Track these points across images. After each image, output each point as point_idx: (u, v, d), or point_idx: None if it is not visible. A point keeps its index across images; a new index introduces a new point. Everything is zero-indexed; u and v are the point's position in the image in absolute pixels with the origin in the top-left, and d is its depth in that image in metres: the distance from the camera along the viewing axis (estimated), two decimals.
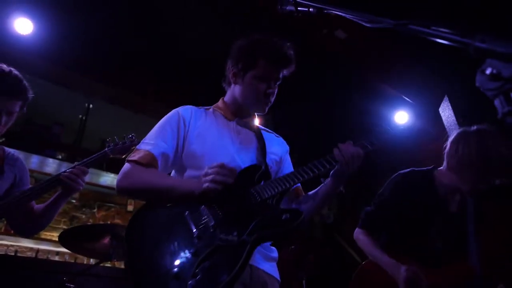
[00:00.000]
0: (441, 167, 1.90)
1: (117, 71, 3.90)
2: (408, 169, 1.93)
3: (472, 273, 1.69)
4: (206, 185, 1.24)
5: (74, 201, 5.07)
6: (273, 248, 1.48)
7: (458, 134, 1.83)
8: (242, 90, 1.58)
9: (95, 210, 5.32)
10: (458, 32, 0.77)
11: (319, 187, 1.52)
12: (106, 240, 2.38)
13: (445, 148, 1.87)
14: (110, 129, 4.86)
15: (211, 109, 1.66)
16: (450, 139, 1.86)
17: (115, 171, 4.97)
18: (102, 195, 5.28)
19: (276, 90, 1.58)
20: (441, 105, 3.38)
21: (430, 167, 1.94)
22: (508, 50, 0.66)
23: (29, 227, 1.94)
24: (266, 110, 1.62)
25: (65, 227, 4.83)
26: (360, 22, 0.99)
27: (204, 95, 1.76)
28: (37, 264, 3.63)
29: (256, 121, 1.72)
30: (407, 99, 4.02)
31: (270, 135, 1.72)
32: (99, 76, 3.90)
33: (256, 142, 1.59)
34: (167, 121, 1.52)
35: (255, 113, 1.69)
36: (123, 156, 2.17)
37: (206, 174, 1.27)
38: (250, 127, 1.64)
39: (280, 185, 1.33)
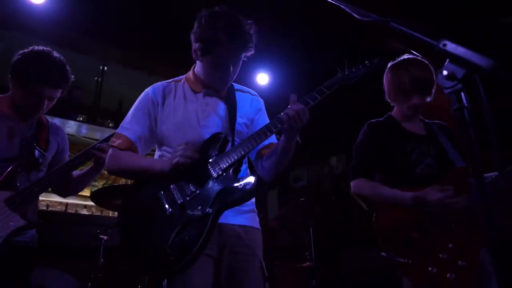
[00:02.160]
0: (393, 110, 2.14)
1: (129, 35, 3.99)
2: (373, 120, 2.11)
3: (466, 172, 1.78)
4: (175, 160, 1.44)
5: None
6: (248, 202, 1.58)
7: (388, 71, 2.07)
8: (202, 68, 1.63)
9: None
10: (427, 34, 0.90)
11: (278, 143, 1.61)
12: None
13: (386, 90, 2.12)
14: (126, 90, 5.06)
15: (181, 81, 1.71)
16: (385, 79, 2.09)
17: None
18: None
19: (236, 69, 1.62)
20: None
21: (386, 115, 2.15)
22: (462, 56, 0.80)
23: (67, 190, 2.18)
24: (227, 86, 1.69)
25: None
26: (351, 12, 1.11)
27: None
28: (72, 218, 4.01)
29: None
30: (415, 53, 4.01)
31: (244, 95, 1.76)
32: (111, 40, 4.01)
33: (225, 109, 1.65)
34: (140, 104, 1.65)
35: None
36: None
37: (174, 152, 1.47)
38: (219, 95, 1.68)
39: (236, 154, 1.47)
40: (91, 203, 3.74)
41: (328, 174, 5.54)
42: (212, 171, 1.46)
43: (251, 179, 1.44)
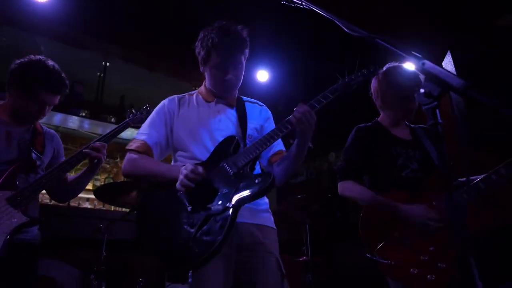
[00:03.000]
0: (380, 116, 2.22)
1: (130, 32, 4.05)
2: (361, 124, 2.18)
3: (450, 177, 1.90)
4: (182, 183, 1.47)
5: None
6: (262, 202, 1.71)
7: (375, 81, 2.17)
8: (209, 77, 1.76)
9: (117, 160, 5.70)
10: (410, 54, 0.98)
11: (290, 148, 1.69)
12: (134, 193, 2.74)
13: (372, 98, 2.21)
14: (127, 84, 5.12)
15: (195, 94, 1.85)
16: (373, 88, 2.18)
17: (133, 126, 5.30)
18: (124, 146, 5.59)
19: (239, 73, 1.72)
20: (444, 60, 3.48)
21: (373, 120, 2.23)
22: (438, 75, 0.88)
23: (64, 195, 2.27)
24: (234, 91, 1.80)
25: None
26: (342, 27, 1.18)
27: None
28: (75, 212, 4.10)
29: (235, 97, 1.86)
30: (415, 53, 4.04)
31: (253, 106, 1.88)
32: (113, 37, 4.07)
33: (236, 116, 1.77)
34: (156, 113, 1.78)
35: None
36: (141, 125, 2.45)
37: (181, 173, 1.49)
38: (229, 104, 1.80)
39: (251, 153, 1.54)
40: (94, 197, 3.83)
41: (327, 170, 5.62)
42: (228, 169, 1.52)
43: (268, 174, 1.50)
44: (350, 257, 3.93)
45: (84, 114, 4.55)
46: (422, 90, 0.89)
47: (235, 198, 1.44)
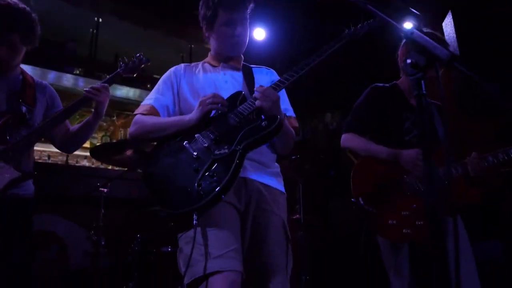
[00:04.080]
0: (400, 79, 2.24)
1: None
2: (378, 83, 2.21)
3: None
4: (208, 106, 1.50)
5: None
6: (275, 165, 1.71)
7: (403, 45, 2.17)
8: (216, 39, 1.75)
9: (114, 118, 5.70)
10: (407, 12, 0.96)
11: None
12: (129, 152, 2.76)
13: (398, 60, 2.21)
14: (122, 42, 5.01)
15: (200, 63, 1.85)
16: (400, 51, 2.18)
17: (129, 84, 5.26)
18: (120, 104, 5.54)
19: (245, 30, 1.74)
20: (444, 20, 3.39)
21: (392, 82, 2.24)
22: (425, 46, 0.87)
23: (68, 145, 2.21)
24: (242, 49, 1.80)
25: None
26: None
27: None
28: (72, 169, 4.16)
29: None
30: (414, 11, 3.97)
31: (260, 69, 1.88)
32: None
33: (243, 77, 1.77)
34: (163, 79, 1.77)
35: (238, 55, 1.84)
36: (134, 75, 2.39)
37: (203, 101, 1.51)
38: (236, 67, 1.81)
39: (256, 102, 1.51)
40: None
41: (322, 130, 5.66)
42: (234, 117, 1.52)
43: (274, 116, 1.47)
44: (344, 214, 4.05)
45: (78, 72, 4.49)
46: (408, 61, 0.89)
47: (242, 141, 1.43)
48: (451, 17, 3.31)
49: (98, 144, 5.22)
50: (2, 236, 1.86)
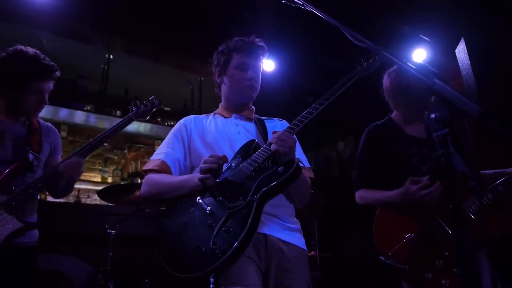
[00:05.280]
0: (393, 113, 2.16)
1: (133, 25, 3.96)
2: (372, 124, 2.14)
3: (466, 176, 1.85)
4: (199, 177, 1.41)
5: (106, 144, 5.43)
6: (294, 219, 1.62)
7: (387, 79, 2.12)
8: (227, 84, 1.75)
9: (125, 151, 5.70)
10: (420, 70, 0.89)
11: None
12: (138, 193, 2.71)
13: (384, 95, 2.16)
14: (132, 77, 5.06)
15: (211, 114, 1.82)
16: (384, 87, 2.13)
17: (137, 120, 5.26)
18: (131, 137, 5.59)
19: (257, 76, 1.74)
20: (457, 47, 3.33)
21: (386, 117, 2.17)
22: (450, 99, 0.79)
23: (58, 194, 2.22)
24: (253, 95, 1.76)
25: (100, 167, 5.26)
26: (348, 37, 1.09)
27: (217, 45, 1.88)
28: (80, 208, 4.12)
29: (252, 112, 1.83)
30: (424, 37, 3.93)
31: (272, 120, 1.85)
32: (115, 30, 3.99)
33: (256, 128, 1.73)
34: (173, 132, 1.73)
35: (250, 106, 1.81)
36: (147, 118, 2.36)
37: (200, 169, 1.43)
38: (248, 118, 1.78)
39: (270, 148, 1.43)
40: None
41: (335, 159, 5.54)
42: (249, 166, 1.43)
43: (291, 161, 1.37)
44: (360, 248, 3.89)
45: (88, 108, 4.51)
46: (432, 115, 0.80)
47: (258, 190, 1.31)
48: (464, 44, 3.25)
49: (109, 177, 5.23)
50: (6, 284, 1.83)
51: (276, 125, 1.81)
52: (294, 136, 1.51)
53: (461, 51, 3.29)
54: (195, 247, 1.28)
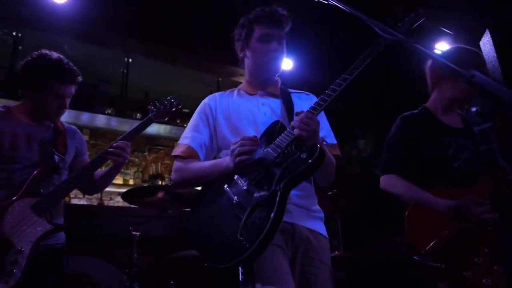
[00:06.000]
0: (428, 102, 2.07)
1: (150, 28, 4.00)
2: (407, 112, 2.04)
3: (506, 171, 1.75)
4: (237, 159, 1.40)
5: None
6: (317, 208, 1.63)
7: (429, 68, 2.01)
8: (251, 57, 1.69)
9: (146, 154, 5.76)
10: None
11: None
12: (161, 194, 2.73)
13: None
14: (151, 79, 5.11)
15: (235, 90, 1.78)
16: (427, 70, 2.03)
17: (157, 122, 5.32)
18: (151, 139, 5.65)
19: (281, 47, 1.67)
20: (482, 39, 3.22)
21: (420, 107, 2.07)
22: (491, 91, 0.75)
23: (91, 189, 2.29)
24: (276, 69, 1.70)
25: (122, 170, 5.36)
26: (377, 31, 1.06)
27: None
28: (104, 211, 4.17)
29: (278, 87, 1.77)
30: (447, 30, 3.82)
31: (300, 95, 1.79)
32: (133, 33, 4.04)
33: (281, 106, 1.67)
34: (197, 114, 1.72)
35: (275, 78, 1.75)
36: (166, 119, 2.36)
37: (232, 151, 1.42)
38: (274, 94, 1.72)
39: (293, 132, 1.40)
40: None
41: (356, 157, 5.47)
42: (273, 152, 1.40)
43: (314, 148, 1.31)
44: (382, 247, 3.82)
45: (109, 112, 4.58)
46: (473, 109, 0.76)
47: (281, 179, 1.29)
48: (489, 35, 3.14)
49: (130, 179, 5.30)
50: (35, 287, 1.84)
51: (302, 100, 1.76)
52: (323, 112, 1.48)
53: (486, 43, 3.19)
54: (225, 238, 1.30)
